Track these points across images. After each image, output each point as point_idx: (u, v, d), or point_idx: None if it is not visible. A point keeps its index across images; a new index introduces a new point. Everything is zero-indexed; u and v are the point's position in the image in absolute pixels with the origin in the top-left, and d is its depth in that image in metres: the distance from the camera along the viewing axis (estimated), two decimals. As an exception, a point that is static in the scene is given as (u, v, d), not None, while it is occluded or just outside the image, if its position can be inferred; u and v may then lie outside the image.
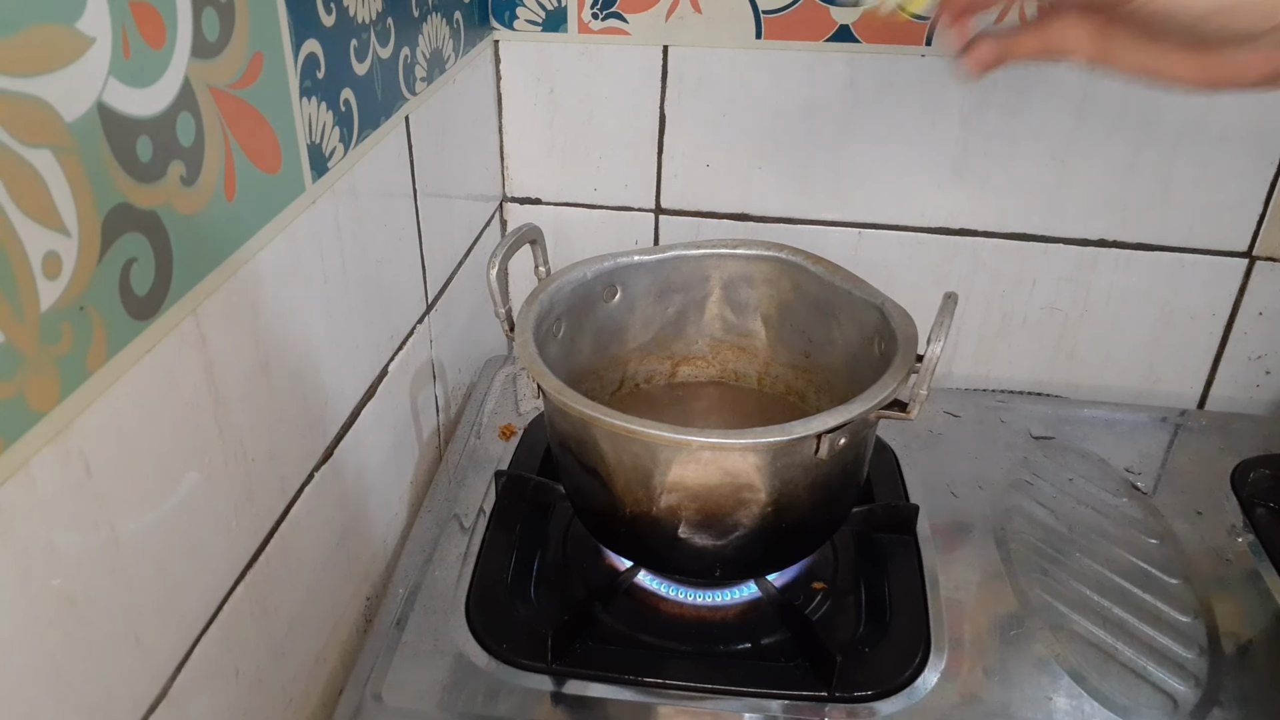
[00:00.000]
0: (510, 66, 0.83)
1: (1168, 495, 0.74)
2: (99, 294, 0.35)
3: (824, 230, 0.86)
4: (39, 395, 0.33)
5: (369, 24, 0.56)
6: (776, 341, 0.72)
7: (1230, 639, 0.61)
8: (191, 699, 0.45)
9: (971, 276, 0.86)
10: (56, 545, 0.35)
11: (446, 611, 0.62)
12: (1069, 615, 0.63)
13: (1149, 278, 0.84)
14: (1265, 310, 0.84)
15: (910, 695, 0.57)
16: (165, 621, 0.42)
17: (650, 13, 0.79)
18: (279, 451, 0.51)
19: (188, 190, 0.40)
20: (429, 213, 0.70)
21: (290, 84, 0.48)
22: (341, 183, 0.55)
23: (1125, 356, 0.88)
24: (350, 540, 0.62)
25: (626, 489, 0.57)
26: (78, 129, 0.33)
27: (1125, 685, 0.58)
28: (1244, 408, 0.89)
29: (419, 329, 0.71)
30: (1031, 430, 0.81)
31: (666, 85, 0.82)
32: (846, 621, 0.63)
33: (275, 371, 0.50)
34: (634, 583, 0.65)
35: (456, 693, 0.57)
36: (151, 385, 0.39)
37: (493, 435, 0.80)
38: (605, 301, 0.69)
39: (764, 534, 0.57)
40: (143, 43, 0.36)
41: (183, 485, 0.42)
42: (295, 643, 0.55)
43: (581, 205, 0.89)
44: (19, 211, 0.31)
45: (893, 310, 0.61)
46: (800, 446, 0.53)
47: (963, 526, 0.70)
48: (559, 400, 0.55)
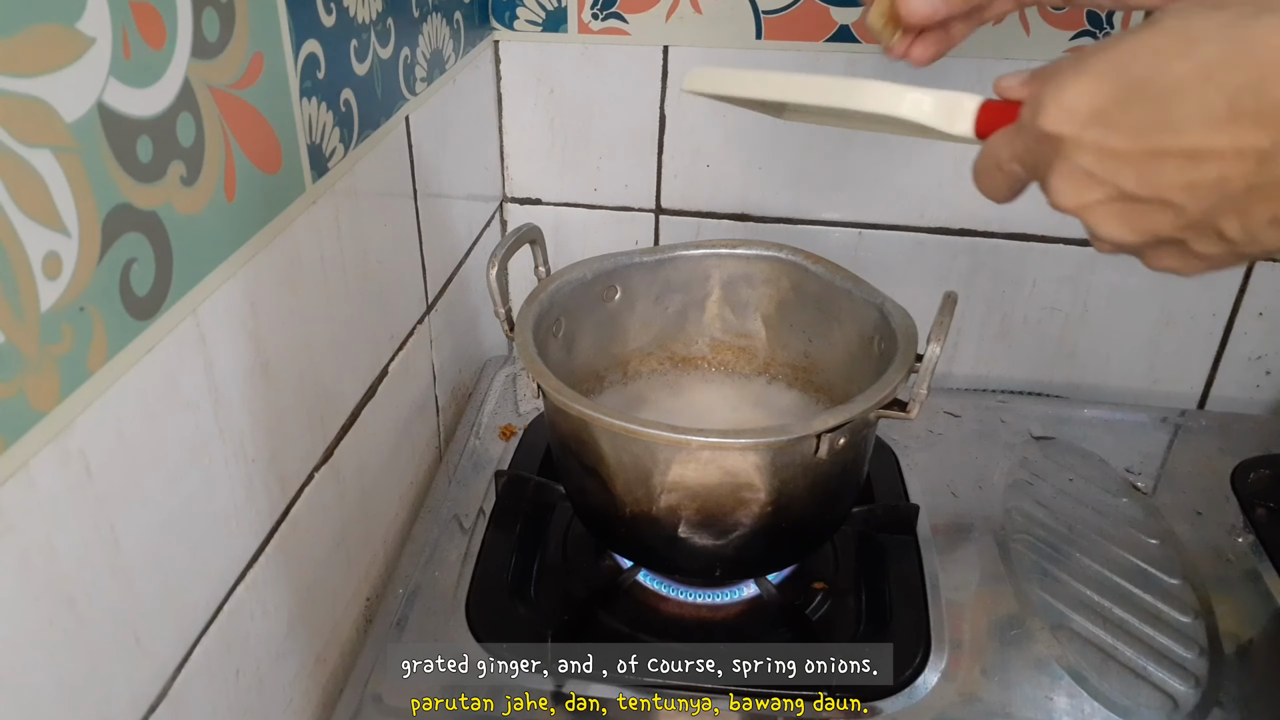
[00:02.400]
0: (510, 66, 0.83)
1: (1168, 495, 0.74)
2: (99, 294, 0.35)
3: (824, 230, 0.86)
4: (39, 395, 0.33)
5: (369, 24, 0.56)
6: (776, 341, 0.72)
7: (1230, 639, 0.61)
8: (191, 699, 0.45)
9: (971, 276, 0.86)
10: (56, 545, 0.35)
11: (446, 612, 0.62)
12: (1069, 615, 0.63)
13: (1149, 278, 0.82)
14: (1265, 310, 0.84)
15: (910, 695, 0.57)
16: (165, 621, 0.42)
17: (650, 13, 0.79)
18: (279, 451, 0.51)
19: (188, 190, 0.40)
20: (429, 213, 0.70)
21: (290, 84, 0.48)
22: (342, 183, 0.55)
23: (1125, 356, 0.88)
24: (350, 540, 0.62)
25: (626, 489, 0.57)
26: (78, 129, 0.33)
27: (1125, 685, 0.58)
28: (1244, 408, 0.89)
29: (419, 329, 0.71)
30: (1031, 430, 0.81)
31: (666, 85, 0.82)
32: (846, 621, 0.63)
33: (275, 371, 0.50)
34: (634, 582, 0.65)
35: (456, 693, 0.57)
36: (152, 385, 0.39)
37: (493, 435, 0.80)
38: (605, 301, 0.69)
39: (764, 534, 0.57)
40: (143, 43, 0.36)
41: (183, 485, 0.42)
42: (295, 643, 0.55)
43: (581, 205, 0.89)
44: (19, 211, 0.31)
45: (893, 310, 0.61)
46: (800, 446, 0.53)
47: (963, 526, 0.70)
48: (559, 400, 0.55)
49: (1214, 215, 0.29)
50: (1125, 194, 0.30)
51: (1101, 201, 0.31)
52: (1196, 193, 0.29)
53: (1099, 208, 0.31)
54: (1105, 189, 0.31)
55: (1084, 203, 0.31)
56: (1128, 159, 0.30)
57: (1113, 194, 0.31)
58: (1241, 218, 0.28)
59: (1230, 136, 0.27)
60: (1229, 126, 0.27)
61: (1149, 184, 0.30)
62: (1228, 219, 0.29)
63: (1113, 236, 0.32)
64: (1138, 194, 0.30)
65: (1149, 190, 0.30)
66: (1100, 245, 0.33)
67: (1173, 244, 0.31)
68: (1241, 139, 0.27)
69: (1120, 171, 0.30)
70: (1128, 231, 0.31)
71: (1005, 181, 0.35)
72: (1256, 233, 0.29)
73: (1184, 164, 0.28)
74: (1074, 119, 0.30)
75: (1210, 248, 0.30)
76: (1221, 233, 0.29)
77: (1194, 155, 0.28)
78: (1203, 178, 0.28)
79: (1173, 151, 0.28)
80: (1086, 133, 0.30)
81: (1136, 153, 0.29)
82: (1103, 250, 0.33)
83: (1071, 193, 0.31)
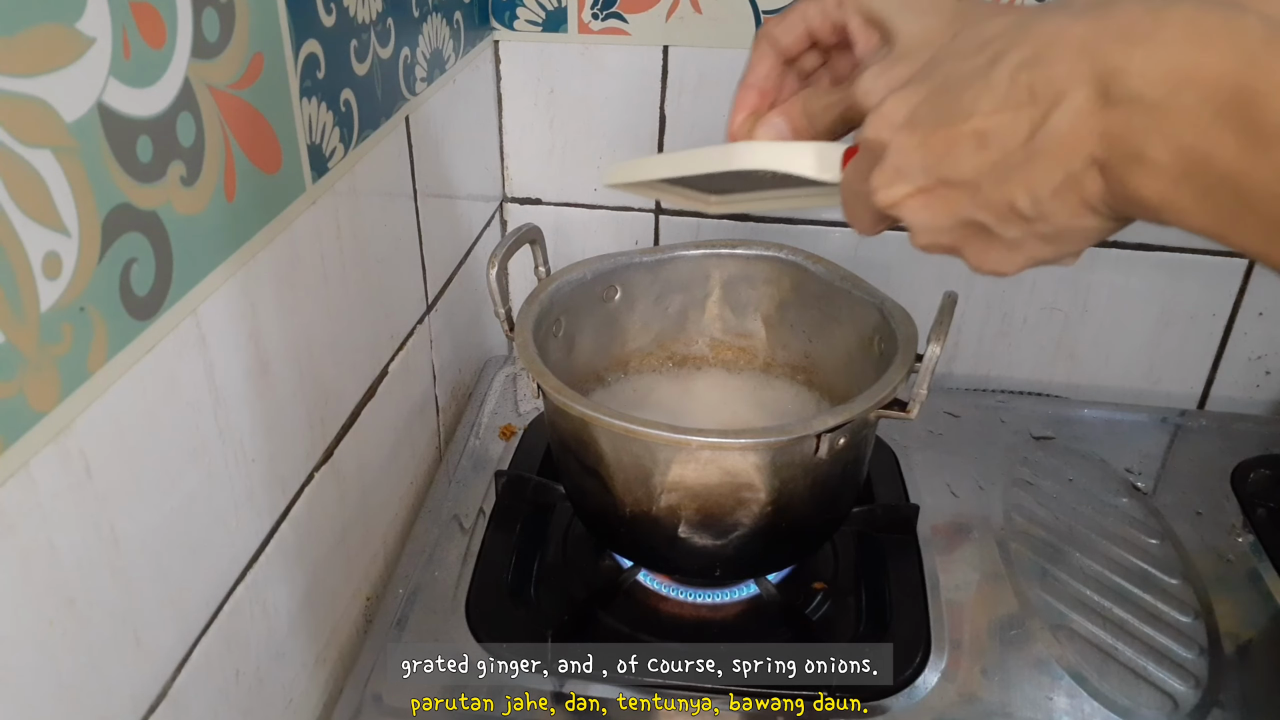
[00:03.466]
0: (510, 66, 0.83)
1: (1168, 495, 0.74)
2: (99, 294, 0.35)
3: (824, 230, 0.86)
4: (39, 395, 0.33)
5: (369, 24, 0.56)
6: (776, 341, 0.72)
7: (1230, 639, 0.61)
8: (191, 699, 0.45)
9: (971, 276, 0.85)
10: (56, 545, 0.35)
11: (446, 611, 0.62)
12: (1069, 615, 0.63)
13: (1149, 278, 0.84)
14: (1265, 310, 0.84)
15: (910, 695, 0.57)
16: (165, 621, 0.42)
17: (650, 13, 0.79)
18: (279, 451, 0.51)
19: (188, 190, 0.40)
20: (429, 213, 0.70)
21: (290, 84, 0.48)
22: (341, 183, 0.55)
23: (1125, 356, 0.88)
24: (350, 540, 0.62)
25: (626, 489, 0.57)
26: (78, 129, 0.33)
27: (1125, 685, 0.58)
28: (1244, 408, 0.89)
29: (419, 329, 0.71)
30: (1031, 430, 0.81)
31: (666, 85, 0.82)
32: (846, 621, 0.63)
33: (275, 371, 0.50)
34: (634, 582, 0.65)
35: (456, 693, 0.57)
36: (151, 386, 0.39)
37: (493, 435, 0.80)
38: (605, 301, 0.69)
39: (764, 534, 0.57)
40: (143, 43, 0.36)
41: (183, 485, 0.42)
42: (295, 643, 0.55)
43: (581, 205, 0.89)
44: (19, 211, 0.31)
45: (893, 310, 0.61)
46: (800, 446, 0.53)
47: (963, 526, 0.70)
48: (559, 400, 0.55)
49: (1006, 190, 0.31)
50: (929, 183, 0.33)
51: (911, 194, 0.34)
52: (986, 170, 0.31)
53: (909, 200, 0.34)
54: (912, 180, 0.34)
55: (896, 197, 0.34)
56: (929, 149, 0.33)
57: (919, 184, 0.34)
58: (1028, 189, 0.31)
59: (1010, 113, 0.30)
60: (1008, 104, 0.30)
61: (947, 169, 0.32)
62: (1018, 191, 0.31)
63: (924, 224, 0.35)
64: (940, 179, 0.33)
65: (948, 173, 0.32)
66: (918, 239, 0.36)
67: (982, 232, 0.34)
68: (1019, 113, 0.30)
69: (923, 162, 0.33)
70: (936, 217, 0.34)
71: (862, 207, 0.37)
72: (1044, 204, 0.31)
73: (974, 144, 0.31)
74: (890, 125, 0.34)
75: (1013, 229, 0.32)
76: (1015, 208, 0.31)
77: (981, 135, 0.31)
78: (990, 155, 0.31)
79: (965, 134, 0.31)
80: (898, 135, 0.34)
81: (934, 142, 0.32)
82: (922, 245, 0.36)
83: (885, 189, 0.34)
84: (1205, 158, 0.27)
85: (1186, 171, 0.27)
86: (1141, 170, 0.28)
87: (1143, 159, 0.28)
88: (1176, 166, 0.27)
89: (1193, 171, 0.27)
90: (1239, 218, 0.27)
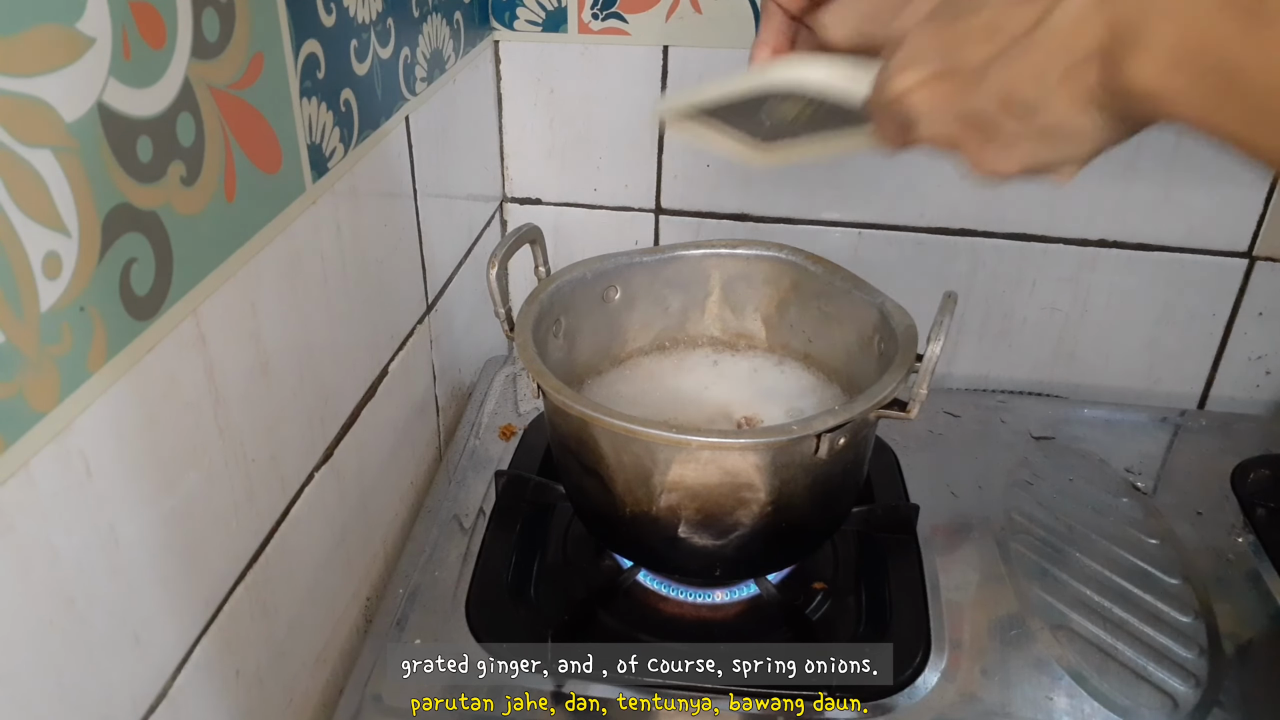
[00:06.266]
0: (510, 67, 0.83)
1: (1168, 495, 0.74)
2: (99, 294, 0.35)
3: (824, 230, 0.86)
4: (39, 395, 0.33)
5: (369, 24, 0.56)
6: (776, 341, 0.72)
7: (1230, 639, 0.61)
8: (191, 699, 0.45)
9: (971, 276, 0.86)
10: (56, 545, 0.35)
11: (446, 611, 0.62)
12: (1069, 615, 0.63)
13: (1149, 278, 0.84)
14: (1265, 310, 0.84)
15: (910, 695, 0.57)
16: (165, 621, 0.42)
17: (650, 13, 0.79)
18: (279, 451, 0.51)
19: (188, 190, 0.40)
20: (429, 213, 0.70)
21: (290, 84, 0.48)
22: (341, 183, 0.55)
23: (1125, 356, 0.88)
24: (350, 540, 0.62)
25: (626, 489, 0.57)
26: (78, 129, 0.33)
27: (1125, 685, 0.58)
28: (1244, 408, 0.89)
29: (419, 329, 0.71)
30: (1031, 430, 0.81)
31: (667, 85, 0.82)
32: (846, 621, 0.63)
33: (275, 371, 0.50)
34: (634, 582, 0.65)
35: (456, 693, 0.57)
36: (151, 385, 0.39)
37: (493, 435, 0.80)
38: (605, 301, 0.69)
39: (764, 534, 0.57)
40: (143, 43, 0.36)
41: (183, 485, 0.42)
42: (295, 643, 0.55)
43: (581, 205, 0.89)
44: (19, 212, 0.31)
45: (893, 310, 0.61)
46: (800, 446, 0.53)
47: (963, 526, 0.70)
48: (559, 400, 0.55)
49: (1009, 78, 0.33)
50: (939, 71, 0.35)
51: (921, 81, 0.35)
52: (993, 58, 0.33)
53: (919, 89, 0.35)
54: (924, 67, 0.35)
55: (907, 83, 0.35)
56: (941, 39, 0.34)
57: (930, 72, 0.35)
58: (1032, 75, 0.32)
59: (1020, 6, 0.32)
60: None
61: (956, 57, 0.34)
62: (1021, 79, 0.32)
63: (929, 111, 0.36)
64: (949, 67, 0.34)
65: (956, 62, 0.34)
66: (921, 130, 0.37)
67: (984, 127, 0.35)
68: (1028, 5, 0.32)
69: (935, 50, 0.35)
70: (940, 106, 0.35)
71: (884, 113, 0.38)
72: (1051, 93, 0.32)
73: (984, 34, 0.33)
74: (913, 19, 0.36)
75: (1013, 122, 0.34)
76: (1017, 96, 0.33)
77: (991, 26, 0.33)
78: (997, 44, 0.33)
79: (976, 26, 0.33)
80: (919, 28, 0.35)
81: (947, 34, 0.34)
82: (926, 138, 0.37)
83: (897, 76, 0.36)
84: (1204, 38, 0.28)
85: (1185, 55, 0.28)
86: (1140, 54, 0.29)
87: (1142, 42, 0.29)
88: (1176, 49, 0.28)
89: (1191, 54, 0.28)
90: (1228, 101, 0.28)
